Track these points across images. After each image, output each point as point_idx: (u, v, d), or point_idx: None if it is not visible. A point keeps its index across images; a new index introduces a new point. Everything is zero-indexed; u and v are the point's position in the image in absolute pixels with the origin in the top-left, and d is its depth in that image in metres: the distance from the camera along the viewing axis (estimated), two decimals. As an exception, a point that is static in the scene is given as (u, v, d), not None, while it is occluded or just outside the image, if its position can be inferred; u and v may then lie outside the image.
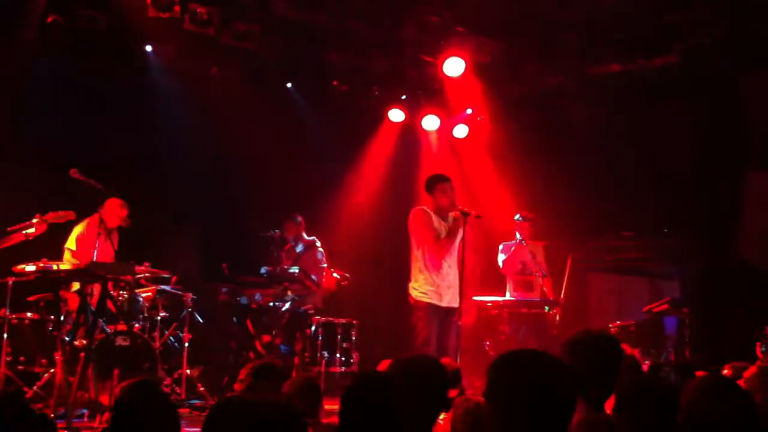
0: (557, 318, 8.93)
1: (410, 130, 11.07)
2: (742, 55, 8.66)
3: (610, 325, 8.58)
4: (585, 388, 3.30)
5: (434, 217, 7.28)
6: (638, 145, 9.70)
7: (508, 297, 9.24)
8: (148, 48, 9.28)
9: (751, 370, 4.66)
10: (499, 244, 9.43)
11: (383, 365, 5.07)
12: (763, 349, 6.39)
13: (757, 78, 8.88)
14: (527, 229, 9.22)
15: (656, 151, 9.68)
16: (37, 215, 6.83)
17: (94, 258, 7.35)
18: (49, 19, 8.31)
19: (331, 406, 4.71)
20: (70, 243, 7.80)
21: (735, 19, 8.26)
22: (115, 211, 7.88)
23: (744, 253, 9.15)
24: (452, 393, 4.03)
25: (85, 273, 6.75)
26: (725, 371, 5.10)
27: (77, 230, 7.82)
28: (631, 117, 9.61)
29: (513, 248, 9.24)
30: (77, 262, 7.45)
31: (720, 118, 9.34)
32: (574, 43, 9.13)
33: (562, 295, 9.06)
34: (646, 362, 7.28)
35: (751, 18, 8.21)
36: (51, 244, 7.33)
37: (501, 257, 9.30)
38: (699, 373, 4.83)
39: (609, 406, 3.46)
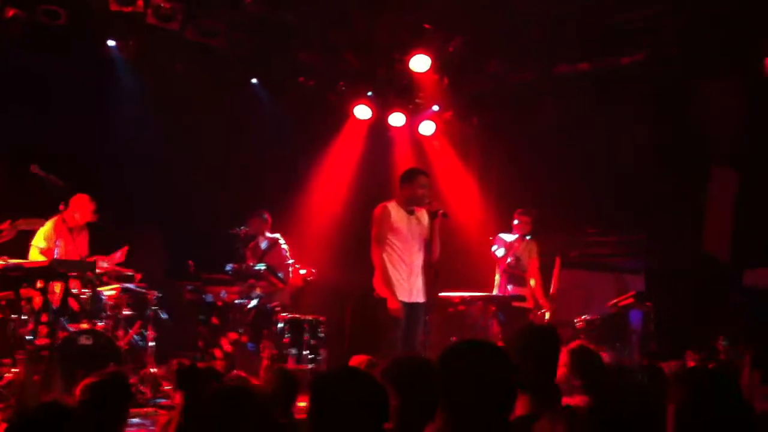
0: (546, 317, 8.82)
1: (377, 126, 11.05)
2: (704, 55, 8.75)
3: (576, 320, 8.63)
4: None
5: (395, 213, 7.21)
6: (603, 142, 9.75)
7: (495, 292, 9.02)
8: (111, 43, 9.14)
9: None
10: (489, 236, 9.25)
11: (354, 362, 5.06)
12: (725, 343, 6.46)
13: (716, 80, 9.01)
14: (528, 224, 9.02)
15: (622, 147, 9.74)
16: (8, 222, 6.78)
17: (55, 256, 7.28)
18: (9, 14, 8.16)
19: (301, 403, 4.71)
20: (38, 240, 7.68)
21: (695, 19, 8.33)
22: (83, 206, 7.86)
23: (707, 247, 9.29)
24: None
25: (45, 271, 6.68)
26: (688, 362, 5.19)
27: (45, 228, 7.71)
28: (597, 113, 9.67)
29: (512, 241, 9.01)
30: (46, 259, 7.37)
31: (685, 115, 9.45)
32: (542, 40, 9.17)
33: (551, 292, 8.94)
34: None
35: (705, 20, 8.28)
36: (11, 241, 7.21)
37: (499, 249, 9.06)
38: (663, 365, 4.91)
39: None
